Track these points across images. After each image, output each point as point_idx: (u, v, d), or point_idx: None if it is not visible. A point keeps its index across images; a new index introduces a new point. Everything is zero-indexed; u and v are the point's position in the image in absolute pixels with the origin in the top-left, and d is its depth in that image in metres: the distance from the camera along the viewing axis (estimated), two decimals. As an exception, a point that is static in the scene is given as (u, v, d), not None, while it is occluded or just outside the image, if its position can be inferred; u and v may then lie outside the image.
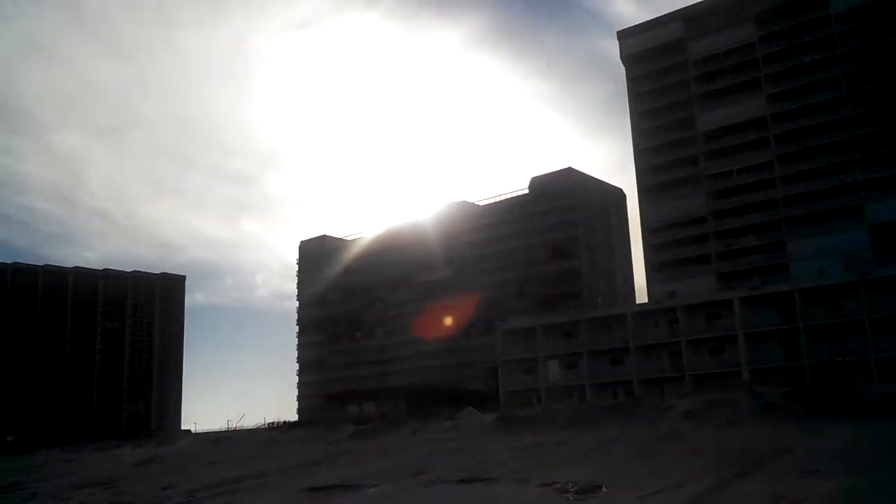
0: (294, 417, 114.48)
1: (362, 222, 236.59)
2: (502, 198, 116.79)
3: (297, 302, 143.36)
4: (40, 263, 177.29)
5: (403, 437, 26.29)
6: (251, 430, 37.26)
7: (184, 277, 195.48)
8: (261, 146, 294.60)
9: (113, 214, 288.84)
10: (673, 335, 62.36)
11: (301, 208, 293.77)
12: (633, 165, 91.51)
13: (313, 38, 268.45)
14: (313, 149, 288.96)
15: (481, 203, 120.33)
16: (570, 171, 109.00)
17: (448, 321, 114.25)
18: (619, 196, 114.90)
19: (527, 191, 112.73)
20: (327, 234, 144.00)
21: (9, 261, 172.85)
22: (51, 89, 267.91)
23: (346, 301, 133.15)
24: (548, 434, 24.61)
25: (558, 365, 67.96)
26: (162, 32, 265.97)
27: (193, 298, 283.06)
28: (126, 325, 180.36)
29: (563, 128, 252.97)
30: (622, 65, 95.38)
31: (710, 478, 15.18)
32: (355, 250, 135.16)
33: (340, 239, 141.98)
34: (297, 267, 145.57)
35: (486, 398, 67.52)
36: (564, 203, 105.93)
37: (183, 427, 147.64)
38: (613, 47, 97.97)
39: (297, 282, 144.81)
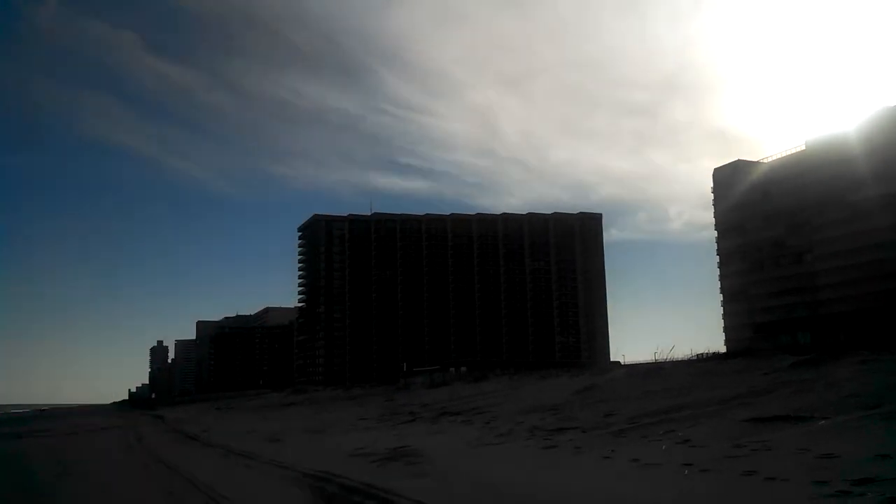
0: (721, 348, 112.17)
1: (778, 141, 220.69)
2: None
3: (715, 231, 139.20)
4: (472, 212, 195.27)
5: (851, 368, 24.35)
6: (682, 361, 37.35)
7: (600, 215, 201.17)
8: (661, 75, 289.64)
9: (528, 160, 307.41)
10: None
11: (710, 134, 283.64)
12: None
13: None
14: (715, 70, 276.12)
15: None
16: None
17: (889, 242, 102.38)
18: None
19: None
20: (741, 157, 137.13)
21: (446, 212, 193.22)
22: (463, 50, 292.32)
23: (768, 227, 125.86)
24: None
25: None
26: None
27: (609, 234, 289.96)
28: (551, 263, 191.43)
29: None
30: None
31: None
32: (773, 172, 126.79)
33: (756, 162, 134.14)
34: (711, 196, 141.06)
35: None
36: None
37: (611, 359, 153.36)
38: None
39: (713, 211, 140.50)
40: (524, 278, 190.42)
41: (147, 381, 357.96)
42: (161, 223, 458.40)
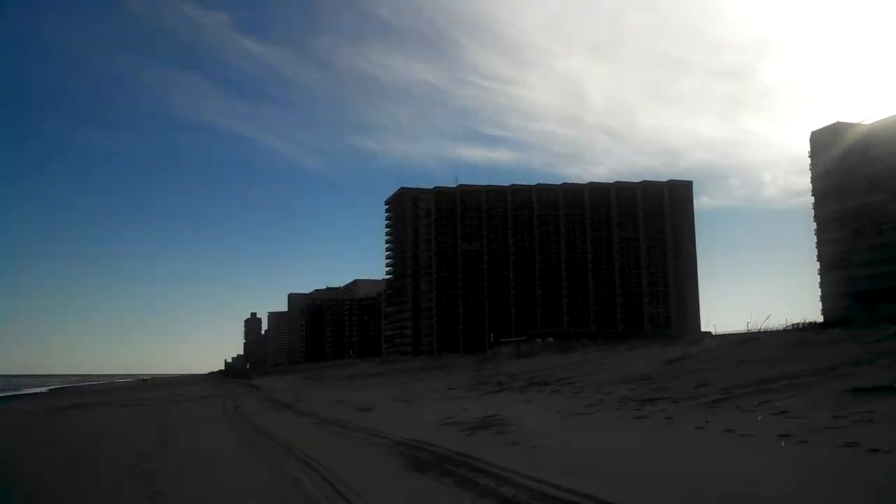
0: (818, 318, 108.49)
1: (878, 103, 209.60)
2: None
3: (812, 197, 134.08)
4: (558, 182, 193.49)
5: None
6: (777, 331, 36.34)
7: (690, 182, 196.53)
8: (753, 35, 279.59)
9: (616, 128, 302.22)
10: None
11: (805, 96, 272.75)
12: None
13: None
14: (811, 28, 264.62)
15: None
16: None
17: None
18: None
19: None
20: (840, 120, 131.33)
21: (532, 183, 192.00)
22: (549, 18, 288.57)
23: (869, 192, 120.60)
24: None
25: None
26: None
27: (700, 202, 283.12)
28: (639, 232, 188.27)
29: None
30: None
31: None
32: (874, 134, 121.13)
33: (856, 124, 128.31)
34: (808, 160, 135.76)
35: None
36: None
37: (702, 329, 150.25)
38: None
39: (809, 176, 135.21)
40: (612, 248, 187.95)
41: (242, 352, 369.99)
42: (253, 199, 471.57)
